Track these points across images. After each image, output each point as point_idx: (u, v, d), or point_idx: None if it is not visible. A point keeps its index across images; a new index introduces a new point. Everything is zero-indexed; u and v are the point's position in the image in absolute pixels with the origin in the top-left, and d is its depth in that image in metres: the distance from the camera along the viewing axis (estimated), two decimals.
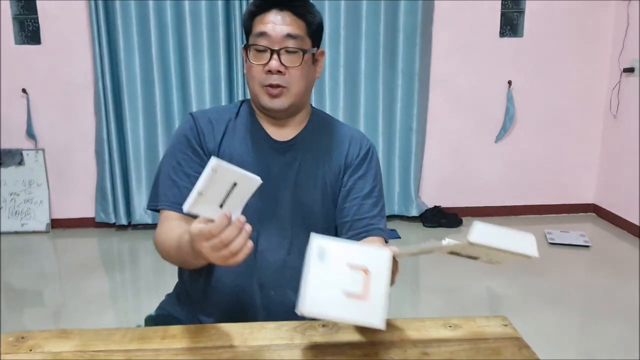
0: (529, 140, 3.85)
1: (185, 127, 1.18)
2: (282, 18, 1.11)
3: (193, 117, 1.19)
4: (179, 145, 1.16)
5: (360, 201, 1.18)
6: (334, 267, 0.79)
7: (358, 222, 1.17)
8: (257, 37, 1.11)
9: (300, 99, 1.16)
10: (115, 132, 3.58)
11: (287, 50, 1.10)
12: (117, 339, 0.93)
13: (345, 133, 1.25)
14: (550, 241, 3.35)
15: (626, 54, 3.55)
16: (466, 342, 0.91)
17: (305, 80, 1.15)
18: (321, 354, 0.87)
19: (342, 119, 3.67)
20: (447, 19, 3.62)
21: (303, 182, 1.17)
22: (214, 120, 1.19)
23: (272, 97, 1.12)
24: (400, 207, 3.82)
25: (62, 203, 3.74)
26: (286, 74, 1.11)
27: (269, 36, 1.10)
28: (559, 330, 2.35)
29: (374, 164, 1.24)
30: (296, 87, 1.13)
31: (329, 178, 1.19)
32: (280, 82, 1.11)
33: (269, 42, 1.10)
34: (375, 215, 1.19)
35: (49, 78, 3.56)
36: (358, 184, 1.20)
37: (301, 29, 1.13)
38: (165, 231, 1.09)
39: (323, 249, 0.80)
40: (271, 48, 1.10)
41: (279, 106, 1.13)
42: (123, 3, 3.38)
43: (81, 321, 2.48)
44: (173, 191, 1.13)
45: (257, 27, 1.12)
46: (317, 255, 0.79)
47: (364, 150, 1.23)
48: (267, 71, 1.10)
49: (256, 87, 1.13)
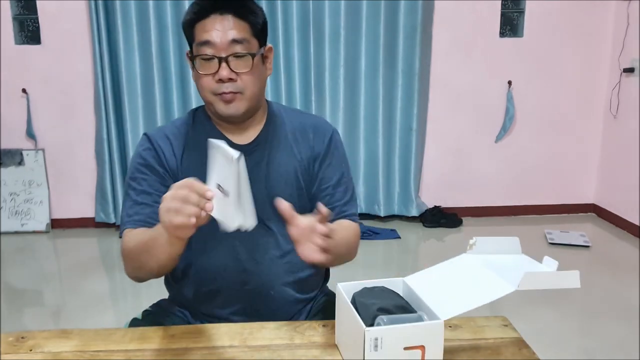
0: (529, 140, 3.85)
1: (140, 150, 1.15)
2: (224, 23, 1.06)
3: (148, 138, 1.16)
4: (137, 167, 1.14)
5: (332, 190, 1.19)
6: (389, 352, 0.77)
7: (333, 209, 1.16)
8: (202, 46, 1.07)
9: (255, 101, 1.13)
10: (115, 132, 3.58)
11: (235, 55, 1.06)
12: (117, 339, 0.93)
13: (306, 123, 1.22)
14: (550, 241, 3.35)
15: (626, 54, 3.55)
16: (466, 342, 0.91)
17: (258, 81, 1.12)
18: (321, 354, 0.87)
19: (342, 119, 3.68)
20: (447, 19, 3.62)
21: (274, 178, 1.16)
22: (171, 136, 1.16)
23: (227, 102, 1.09)
24: (400, 207, 3.82)
25: (62, 203, 3.74)
26: (238, 80, 1.08)
27: (214, 44, 1.06)
28: (559, 330, 2.35)
29: (338, 150, 1.23)
30: (250, 91, 1.10)
31: (300, 172, 1.18)
32: (232, 89, 1.08)
33: (214, 50, 1.06)
34: (347, 201, 1.20)
35: (49, 78, 3.55)
36: (327, 173, 1.19)
37: (246, 31, 1.08)
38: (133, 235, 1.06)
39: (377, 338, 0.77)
40: (218, 56, 1.06)
41: (235, 111, 1.10)
42: (123, 3, 3.38)
43: (81, 321, 2.48)
44: (135, 210, 1.10)
45: (200, 35, 1.07)
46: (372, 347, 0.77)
47: (328, 137, 1.21)
48: (217, 80, 1.07)
49: (209, 96, 1.10)
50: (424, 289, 0.85)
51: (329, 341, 0.91)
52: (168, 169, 1.14)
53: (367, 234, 3.47)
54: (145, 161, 1.13)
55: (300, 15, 3.50)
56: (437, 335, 0.77)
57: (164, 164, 1.14)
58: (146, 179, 1.13)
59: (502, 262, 0.87)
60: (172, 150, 1.15)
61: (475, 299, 0.79)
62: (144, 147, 1.15)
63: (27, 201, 3.69)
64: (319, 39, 3.53)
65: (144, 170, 1.13)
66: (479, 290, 0.81)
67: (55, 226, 3.74)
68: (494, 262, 0.87)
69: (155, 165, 1.13)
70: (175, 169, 1.14)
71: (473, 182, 3.90)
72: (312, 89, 3.60)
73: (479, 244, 0.90)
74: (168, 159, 1.14)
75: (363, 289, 0.87)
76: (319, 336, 0.93)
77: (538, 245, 3.29)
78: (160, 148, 1.14)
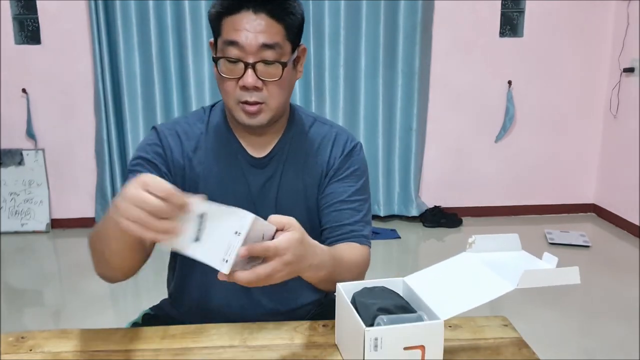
0: (529, 140, 3.85)
1: (146, 144, 1.06)
2: (256, 23, 0.94)
3: (157, 133, 1.07)
4: (138, 162, 1.05)
5: (340, 206, 1.07)
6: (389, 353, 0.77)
7: (337, 228, 1.06)
8: (228, 46, 0.96)
9: (280, 111, 1.04)
10: (115, 132, 3.58)
11: (264, 62, 0.96)
12: (117, 339, 0.93)
13: (328, 134, 1.12)
14: (550, 241, 3.35)
15: (626, 53, 3.55)
16: (466, 342, 0.91)
17: (286, 91, 1.02)
18: (321, 354, 0.87)
19: (342, 119, 3.68)
20: (447, 19, 3.62)
21: (285, 198, 1.08)
22: (182, 134, 1.07)
23: (250, 114, 0.99)
24: (400, 207, 3.82)
25: (62, 203, 3.74)
26: (263, 89, 0.97)
27: (242, 47, 0.94)
28: (559, 330, 2.35)
29: (356, 164, 1.11)
30: (276, 101, 1.00)
31: (311, 189, 1.09)
32: (257, 98, 0.98)
33: (241, 53, 0.95)
34: (358, 221, 1.07)
35: (49, 78, 3.55)
36: (337, 188, 1.08)
37: (279, 34, 0.96)
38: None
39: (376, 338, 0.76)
40: (245, 61, 0.95)
41: (258, 123, 1.01)
42: (123, 3, 3.38)
43: (81, 321, 2.48)
44: None
45: (228, 32, 0.96)
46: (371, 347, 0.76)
47: (348, 149, 1.11)
48: (242, 86, 0.97)
49: (230, 102, 1.00)
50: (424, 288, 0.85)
51: (329, 341, 0.91)
52: (172, 170, 1.05)
53: None
54: (148, 156, 1.05)
55: None
56: (437, 335, 0.77)
57: (169, 164, 1.05)
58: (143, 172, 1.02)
59: (502, 260, 0.87)
60: (181, 150, 1.06)
61: (475, 298, 0.79)
62: (151, 141, 1.06)
63: (27, 201, 3.69)
64: (319, 38, 3.53)
65: (144, 165, 1.04)
66: (478, 290, 0.81)
67: (55, 226, 3.74)
68: (493, 260, 0.87)
69: (158, 163, 1.04)
70: (182, 171, 1.06)
71: (473, 182, 3.89)
72: (312, 89, 3.60)
73: (479, 242, 0.90)
74: (175, 158, 1.06)
75: (363, 289, 0.87)
76: (319, 336, 0.93)
77: (538, 245, 3.28)
78: (169, 146, 1.06)
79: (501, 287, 0.79)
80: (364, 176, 1.12)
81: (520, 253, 0.90)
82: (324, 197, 1.09)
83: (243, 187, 1.06)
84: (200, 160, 1.06)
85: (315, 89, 3.61)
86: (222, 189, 1.06)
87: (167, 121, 1.13)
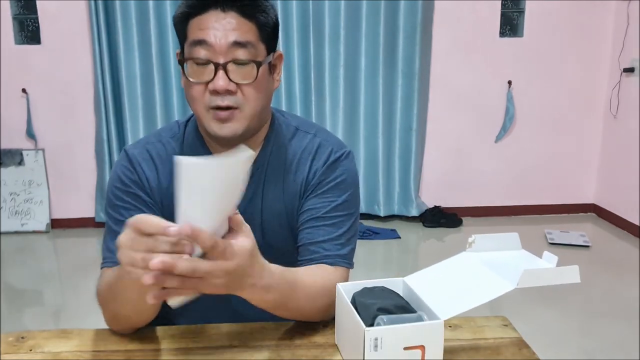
0: (529, 140, 3.85)
1: (119, 172, 0.97)
2: (225, 21, 0.86)
3: (129, 158, 0.97)
4: (116, 194, 0.96)
5: (315, 223, 0.96)
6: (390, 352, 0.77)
7: (308, 247, 0.95)
8: (195, 47, 0.87)
9: (257, 120, 0.93)
10: (115, 132, 3.58)
11: (235, 62, 0.87)
12: (117, 339, 0.92)
13: (309, 145, 1.00)
14: (550, 241, 3.35)
15: (626, 53, 3.55)
16: (466, 342, 0.91)
17: (263, 96, 0.92)
18: (321, 354, 0.87)
19: (342, 119, 3.67)
20: (447, 19, 3.62)
21: (269, 221, 0.99)
22: (156, 158, 0.98)
23: (222, 121, 0.89)
24: (400, 207, 3.82)
25: (62, 203, 3.74)
26: (237, 92, 0.88)
27: (210, 46, 0.86)
28: (559, 330, 2.35)
29: (342, 175, 0.98)
30: (251, 108, 0.90)
31: (291, 211, 0.99)
32: (230, 102, 0.88)
33: (210, 53, 0.86)
34: (333, 239, 0.95)
35: (49, 78, 3.55)
36: (317, 204, 0.97)
37: (252, 33, 0.88)
38: (107, 274, 0.90)
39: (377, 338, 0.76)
40: (214, 61, 0.86)
41: (231, 133, 0.90)
42: (123, 3, 3.38)
43: (81, 321, 2.48)
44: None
45: (194, 32, 0.87)
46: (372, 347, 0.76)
47: (332, 159, 0.99)
48: (212, 90, 0.87)
49: (200, 109, 0.90)
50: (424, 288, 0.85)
51: (329, 341, 0.91)
52: (151, 196, 0.96)
53: (367, 234, 3.47)
54: (125, 187, 0.96)
55: (300, 15, 3.50)
56: (437, 335, 0.77)
57: (146, 189, 0.96)
58: (127, 207, 0.95)
59: (502, 260, 0.87)
60: (156, 177, 0.96)
61: (475, 298, 0.79)
62: (124, 168, 0.97)
63: (27, 201, 3.69)
64: (319, 38, 3.53)
65: (123, 197, 0.96)
66: (478, 289, 0.81)
67: (55, 226, 3.74)
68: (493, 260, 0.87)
69: (137, 191, 0.96)
70: (160, 202, 0.96)
71: (473, 182, 3.89)
72: (312, 89, 3.60)
73: (478, 242, 0.90)
74: (152, 187, 0.96)
75: (363, 289, 0.87)
76: (319, 336, 0.93)
77: (538, 245, 3.28)
78: (144, 173, 0.96)
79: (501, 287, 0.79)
80: (350, 189, 0.99)
81: (520, 252, 0.90)
82: (301, 215, 0.98)
83: None
84: None
85: (315, 89, 3.61)
86: None
87: (138, 141, 1.02)
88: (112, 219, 0.96)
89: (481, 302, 0.78)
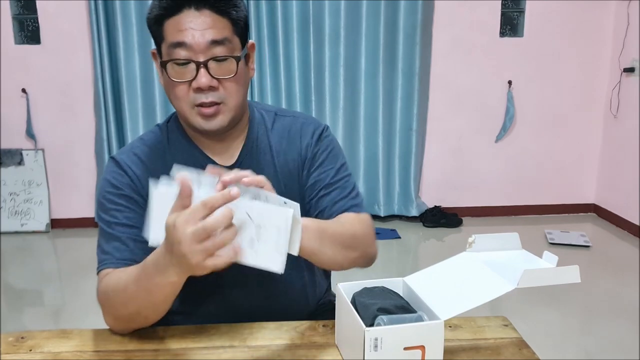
0: (529, 140, 3.85)
1: (110, 178, 0.99)
2: (200, 20, 0.89)
3: (117, 163, 1.00)
4: (109, 198, 0.98)
5: (326, 190, 1.04)
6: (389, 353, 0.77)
7: (331, 208, 1.03)
8: (174, 49, 0.90)
9: (240, 110, 0.98)
10: (115, 132, 3.58)
11: (215, 59, 0.91)
12: (117, 339, 0.92)
13: (293, 126, 1.07)
14: (550, 241, 3.35)
15: (626, 53, 3.54)
16: (466, 342, 0.91)
17: (243, 88, 0.96)
18: (321, 354, 0.87)
19: (342, 119, 3.67)
20: (447, 19, 3.62)
21: None
22: (144, 158, 1.00)
23: (207, 117, 0.94)
24: (400, 207, 3.82)
25: (62, 203, 3.74)
26: (219, 87, 0.92)
27: (189, 46, 0.89)
28: (559, 330, 2.35)
29: (329, 146, 1.07)
30: (234, 100, 0.95)
31: (291, 187, 1.04)
32: (214, 98, 0.92)
33: (190, 53, 0.90)
34: (345, 196, 1.04)
35: (49, 78, 3.55)
36: (320, 175, 1.05)
37: (227, 29, 0.92)
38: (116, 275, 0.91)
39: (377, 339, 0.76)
40: (195, 60, 0.90)
41: (217, 126, 0.95)
42: (123, 3, 3.38)
43: (81, 321, 2.48)
44: (114, 245, 0.95)
45: (172, 34, 0.90)
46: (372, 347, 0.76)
47: (317, 135, 1.07)
48: (196, 88, 0.91)
49: (185, 108, 0.94)
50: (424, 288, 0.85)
51: (329, 341, 0.91)
52: (145, 198, 0.96)
53: None
54: (116, 189, 0.98)
55: (300, 15, 3.49)
56: (437, 335, 0.77)
57: (140, 192, 0.98)
58: (121, 209, 0.97)
59: (502, 259, 0.87)
60: (148, 176, 0.97)
61: (475, 298, 0.79)
62: (114, 173, 0.99)
63: (27, 201, 3.69)
64: (319, 38, 3.53)
65: (115, 200, 0.97)
66: (479, 289, 0.81)
67: (55, 226, 3.74)
68: (493, 260, 0.87)
69: (130, 193, 0.98)
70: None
71: (473, 182, 3.89)
72: (312, 89, 3.60)
73: (479, 242, 0.90)
74: (144, 186, 0.97)
75: (363, 289, 0.87)
76: (319, 336, 0.93)
77: (538, 245, 3.28)
78: (134, 174, 0.98)
79: (501, 287, 0.79)
80: (340, 154, 1.09)
81: (521, 252, 0.90)
82: (308, 189, 1.05)
83: None
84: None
85: (315, 89, 3.60)
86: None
87: (123, 148, 1.05)
88: (105, 222, 0.97)
89: (481, 302, 0.78)
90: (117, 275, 0.91)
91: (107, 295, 0.91)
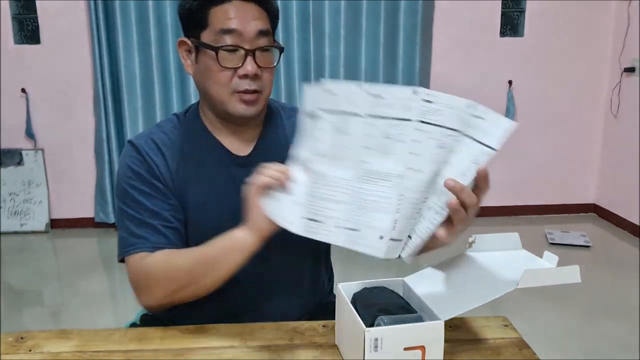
0: (529, 140, 3.84)
1: (129, 162, 1.00)
2: (248, 10, 0.93)
3: (136, 147, 1.00)
4: (130, 181, 0.99)
5: None
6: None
7: None
8: (223, 35, 0.93)
9: (267, 101, 1.04)
10: (115, 132, 3.57)
11: (260, 49, 0.95)
12: (117, 339, 0.92)
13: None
14: (550, 241, 3.35)
15: (627, 53, 3.54)
16: (466, 342, 0.91)
17: (273, 79, 1.02)
18: (321, 354, 0.87)
19: None
20: (447, 19, 3.62)
21: None
22: (162, 145, 1.01)
23: (248, 103, 0.96)
24: None
25: (62, 203, 3.74)
26: (261, 77, 0.96)
27: (240, 33, 0.92)
28: (559, 330, 2.35)
29: None
30: (268, 90, 0.99)
31: None
32: (256, 86, 0.95)
33: (240, 40, 0.93)
34: None
35: (48, 78, 3.55)
36: None
37: (268, 22, 0.97)
38: (163, 257, 0.94)
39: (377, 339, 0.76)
40: (245, 48, 0.93)
41: (255, 113, 0.98)
42: (123, 3, 3.38)
43: (81, 321, 2.48)
44: (147, 230, 0.96)
45: (221, 21, 0.93)
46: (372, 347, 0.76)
47: None
48: (242, 75, 0.94)
49: (224, 93, 0.96)
50: (424, 288, 0.85)
51: (329, 341, 0.91)
52: (164, 183, 0.99)
53: None
54: (137, 176, 0.99)
55: (300, 14, 3.49)
56: (437, 335, 0.77)
57: (159, 176, 0.99)
58: (147, 196, 0.98)
59: (502, 260, 0.87)
60: (165, 162, 1.00)
61: (475, 299, 0.78)
62: (133, 159, 1.00)
63: (27, 201, 3.69)
64: (319, 37, 3.53)
65: (140, 187, 0.98)
66: (479, 290, 0.81)
67: (54, 226, 3.74)
68: (494, 260, 0.87)
69: (150, 179, 0.99)
70: (171, 182, 1.00)
71: None
72: None
73: (479, 242, 0.90)
74: (163, 173, 0.99)
75: (363, 289, 0.87)
76: (319, 336, 0.92)
77: (538, 245, 3.28)
78: (153, 161, 0.99)
79: (501, 287, 0.78)
80: None
81: (521, 252, 0.89)
82: None
83: (233, 188, 0.97)
84: (185, 168, 1.01)
85: None
86: (211, 193, 1.02)
87: (140, 133, 1.06)
88: (132, 208, 0.98)
89: (481, 302, 0.78)
90: (164, 256, 0.94)
91: (154, 275, 0.94)
